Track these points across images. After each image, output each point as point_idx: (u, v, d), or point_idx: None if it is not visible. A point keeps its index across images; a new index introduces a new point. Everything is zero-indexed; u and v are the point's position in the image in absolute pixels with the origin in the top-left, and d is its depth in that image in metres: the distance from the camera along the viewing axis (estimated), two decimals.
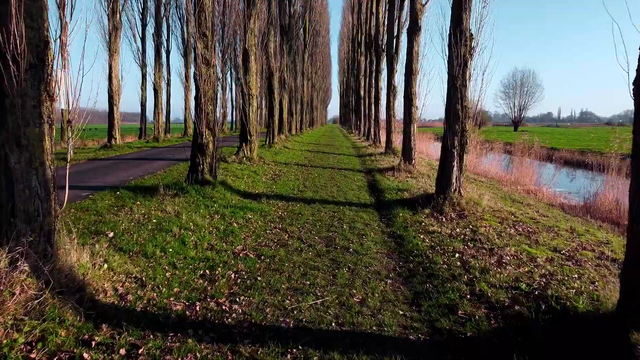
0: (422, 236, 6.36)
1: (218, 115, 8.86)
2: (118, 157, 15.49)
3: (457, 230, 6.71)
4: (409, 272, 4.96)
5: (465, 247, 5.85)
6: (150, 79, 30.09)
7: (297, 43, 30.85)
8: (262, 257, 5.21)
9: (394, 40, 17.64)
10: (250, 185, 9.80)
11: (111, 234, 5.65)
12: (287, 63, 23.57)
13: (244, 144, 13.64)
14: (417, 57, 13.20)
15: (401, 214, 7.72)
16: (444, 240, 6.14)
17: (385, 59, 20.18)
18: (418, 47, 13.20)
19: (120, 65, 18.69)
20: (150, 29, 30.31)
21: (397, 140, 19.46)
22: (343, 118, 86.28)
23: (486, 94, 8.49)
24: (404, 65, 13.41)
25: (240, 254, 5.28)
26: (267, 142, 19.62)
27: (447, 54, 8.48)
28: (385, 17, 20.40)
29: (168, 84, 34.46)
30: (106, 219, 6.46)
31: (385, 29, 20.38)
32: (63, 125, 22.70)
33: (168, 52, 33.76)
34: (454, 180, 8.22)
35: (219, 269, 4.74)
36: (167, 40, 33.04)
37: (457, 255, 5.50)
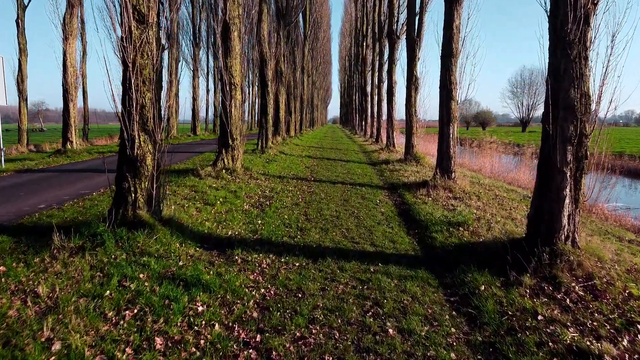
0: None
1: (163, 109, 5.37)
2: (60, 168, 11.83)
3: (624, 343, 3.24)
4: None
5: None
6: None
7: (297, 32, 27.47)
8: None
9: (416, 19, 14.16)
10: (223, 221, 6.27)
11: None
12: (285, 53, 20.06)
13: (223, 151, 10.12)
14: (458, 34, 9.73)
15: (483, 287, 4.27)
16: None
17: (402, 46, 16.73)
18: (459, 19, 9.73)
19: (79, 51, 15.14)
20: None
21: (418, 144, 15.99)
22: (344, 118, 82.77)
23: (614, 73, 5.01)
24: (441, 45, 9.94)
25: None
26: (259, 146, 16.09)
27: (548, 4, 5.04)
28: None
29: None
30: None
31: (403, 8, 16.97)
32: (21, 125, 18.94)
33: None
34: (564, 221, 4.76)
35: None
36: None
37: None
